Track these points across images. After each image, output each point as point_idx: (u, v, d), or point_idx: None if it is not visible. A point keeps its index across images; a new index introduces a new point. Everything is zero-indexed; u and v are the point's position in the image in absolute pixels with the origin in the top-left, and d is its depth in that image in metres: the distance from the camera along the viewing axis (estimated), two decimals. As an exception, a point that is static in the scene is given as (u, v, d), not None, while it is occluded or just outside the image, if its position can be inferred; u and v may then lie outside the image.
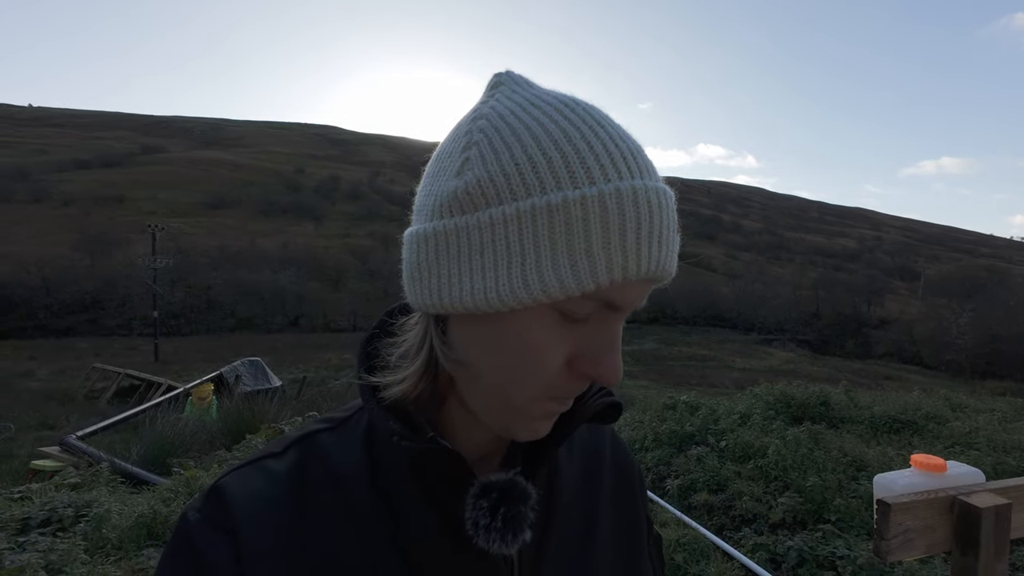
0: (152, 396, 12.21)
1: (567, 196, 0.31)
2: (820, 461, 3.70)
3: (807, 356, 40.34)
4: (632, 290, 0.34)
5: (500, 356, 0.35)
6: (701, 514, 3.56)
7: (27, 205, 56.67)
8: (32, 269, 35.55)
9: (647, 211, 0.32)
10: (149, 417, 6.42)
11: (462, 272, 0.34)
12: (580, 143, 0.33)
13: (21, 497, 3.37)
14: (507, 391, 0.35)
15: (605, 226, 0.31)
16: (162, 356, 24.83)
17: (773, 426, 4.53)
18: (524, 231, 0.32)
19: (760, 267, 68.74)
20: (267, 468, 0.40)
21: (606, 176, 0.32)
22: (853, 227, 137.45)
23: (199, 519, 0.37)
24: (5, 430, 9.10)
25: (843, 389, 5.54)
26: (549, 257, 0.32)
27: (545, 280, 0.32)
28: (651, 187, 0.33)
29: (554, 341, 0.34)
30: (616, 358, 0.35)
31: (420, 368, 0.38)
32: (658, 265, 0.33)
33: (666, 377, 24.82)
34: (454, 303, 0.34)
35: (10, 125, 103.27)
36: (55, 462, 5.08)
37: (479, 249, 0.33)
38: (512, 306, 0.33)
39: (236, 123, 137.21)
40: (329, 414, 0.45)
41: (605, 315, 0.34)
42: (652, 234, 0.32)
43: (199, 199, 67.29)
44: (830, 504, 3.17)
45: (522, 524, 0.37)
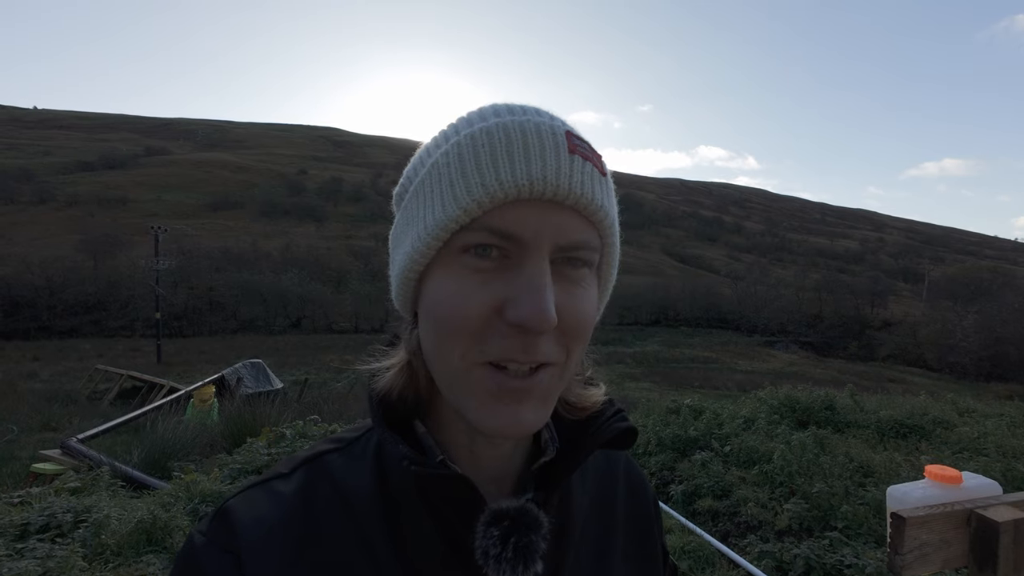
0: (154, 398, 12.21)
1: (438, 153, 0.36)
2: (826, 467, 3.66)
3: (810, 358, 40.15)
4: (523, 215, 0.33)
5: (428, 318, 0.36)
6: (705, 520, 3.52)
7: (31, 206, 56.94)
8: (36, 270, 35.69)
9: (503, 136, 0.34)
10: (150, 420, 6.42)
11: (397, 254, 0.39)
12: (462, 115, 0.38)
13: (21, 502, 3.35)
14: (442, 352, 0.35)
15: (461, 159, 0.34)
16: (165, 357, 24.87)
17: (778, 431, 4.49)
18: (419, 196, 0.37)
19: (763, 268, 68.51)
20: (274, 490, 0.39)
21: (469, 124, 0.36)
22: (856, 228, 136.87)
23: (205, 541, 0.37)
24: (8, 432, 9.11)
25: (848, 393, 5.49)
26: (430, 205, 0.35)
27: (428, 225, 0.35)
28: (512, 120, 0.35)
29: (468, 288, 0.34)
30: (538, 298, 0.32)
31: (403, 359, 0.40)
32: (529, 179, 0.33)
33: (668, 379, 24.71)
34: (397, 284, 0.39)
35: (15, 127, 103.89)
36: (56, 465, 5.06)
37: (403, 228, 0.39)
38: (420, 260, 0.36)
39: (239, 125, 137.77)
40: (339, 434, 0.45)
41: (517, 255, 0.34)
42: (513, 152, 0.33)
43: (202, 201, 67.51)
44: (837, 511, 3.13)
45: (534, 555, 0.36)
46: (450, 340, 0.35)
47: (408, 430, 0.40)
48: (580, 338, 0.36)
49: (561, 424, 0.43)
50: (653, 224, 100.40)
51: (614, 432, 0.41)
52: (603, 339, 41.07)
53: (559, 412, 0.43)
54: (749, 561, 2.86)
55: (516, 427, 0.35)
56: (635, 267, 69.67)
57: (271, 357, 19.40)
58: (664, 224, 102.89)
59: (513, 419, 0.35)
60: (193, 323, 37.07)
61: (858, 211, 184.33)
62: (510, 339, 0.34)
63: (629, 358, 32.09)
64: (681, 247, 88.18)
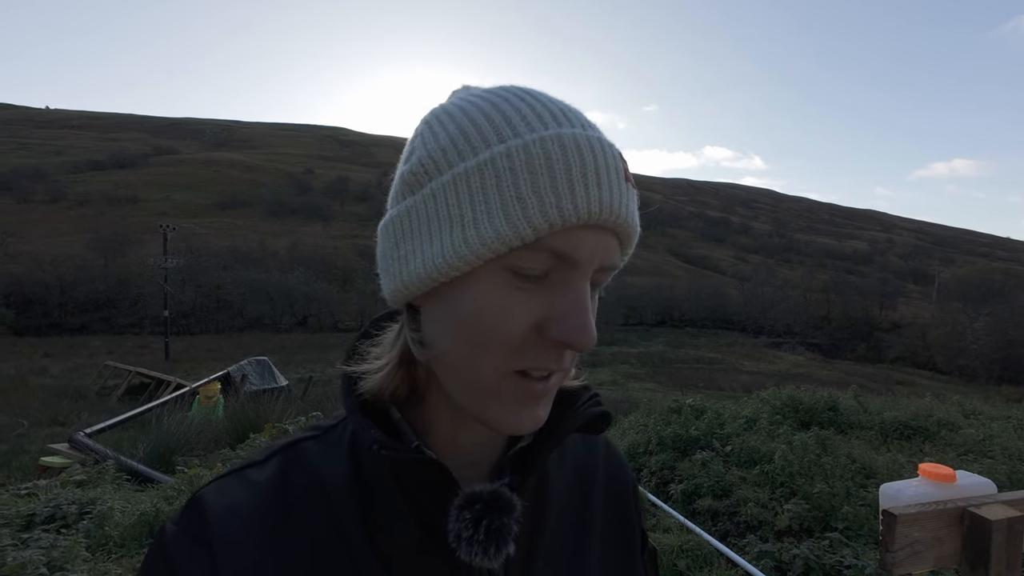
0: (161, 394, 12.36)
1: (493, 152, 0.32)
2: (828, 467, 3.63)
3: (817, 360, 39.83)
4: (582, 239, 0.33)
5: (461, 328, 0.34)
6: (705, 520, 3.50)
7: (43, 205, 57.75)
8: (48, 268, 36.20)
9: (576, 153, 0.32)
10: (156, 415, 6.50)
11: (415, 247, 0.35)
12: (507, 108, 0.34)
13: (28, 494, 3.41)
14: (473, 363, 0.34)
15: (532, 171, 0.32)
16: (173, 355, 25.14)
17: (780, 431, 4.45)
18: (460, 193, 0.33)
19: (770, 269, 68.02)
20: (248, 478, 0.39)
21: (531, 128, 0.33)
22: (864, 229, 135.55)
23: (176, 531, 0.36)
24: (18, 426, 9.26)
25: (852, 394, 5.44)
26: (484, 212, 0.32)
27: (483, 235, 0.32)
28: (580, 134, 0.33)
29: (512, 304, 0.33)
30: (584, 318, 0.33)
31: (396, 357, 0.39)
32: (600, 207, 0.32)
33: (673, 379, 24.61)
34: (412, 281, 0.35)
35: (28, 127, 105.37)
36: (63, 459, 5.14)
37: (426, 221, 0.35)
38: (460, 267, 0.33)
39: (247, 125, 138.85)
40: (315, 422, 0.45)
41: (565, 274, 0.34)
42: (587, 175, 0.32)
43: (210, 200, 68.13)
44: (838, 512, 3.10)
45: (506, 537, 0.36)
46: (485, 353, 0.34)
47: (383, 416, 0.40)
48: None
49: None
50: (659, 224, 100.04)
51: (588, 417, 0.41)
52: (608, 339, 41.01)
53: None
54: (748, 561, 2.85)
55: (532, 424, 0.36)
56: (640, 267, 69.44)
57: (277, 355, 19.55)
58: (670, 224, 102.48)
59: (531, 419, 0.36)
60: (201, 321, 37.43)
61: (867, 212, 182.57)
62: (546, 352, 0.34)
63: (634, 358, 31.99)
64: (687, 248, 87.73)
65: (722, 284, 59.63)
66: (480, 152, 0.33)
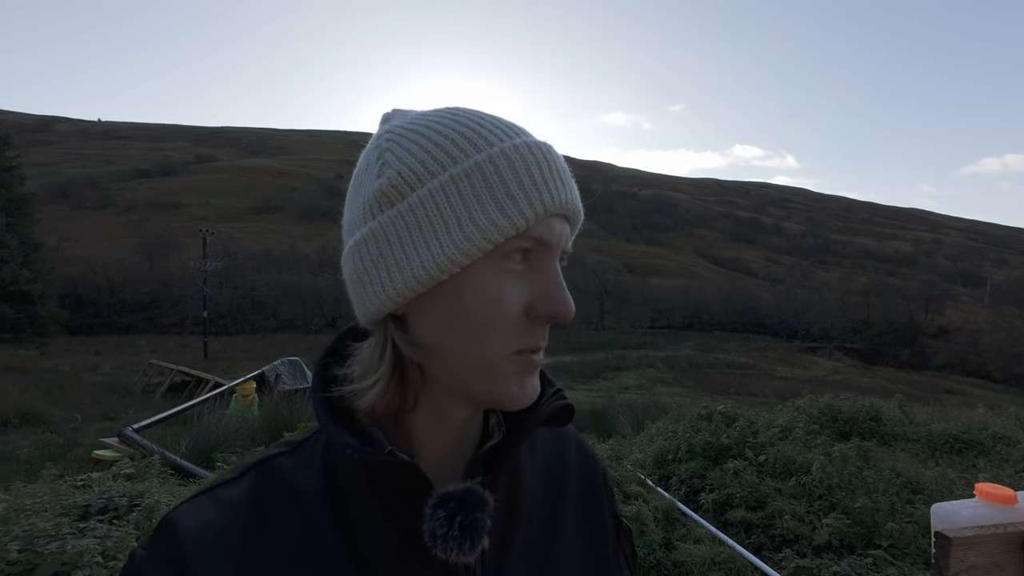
0: (201, 392, 12.92)
1: (476, 159, 0.38)
2: (870, 481, 3.46)
3: (856, 366, 38.08)
4: (555, 226, 0.39)
5: (465, 318, 0.37)
6: (738, 531, 3.40)
7: (95, 211, 61.48)
8: (99, 270, 38.48)
9: (542, 156, 0.39)
10: (197, 412, 6.80)
11: (408, 253, 0.38)
12: (472, 124, 0.40)
13: (83, 485, 3.64)
14: (479, 350, 0.38)
15: (515, 172, 0.37)
16: (211, 354, 26.25)
17: (817, 441, 4.28)
18: (452, 196, 0.37)
19: (804, 271, 65.55)
20: (220, 497, 0.39)
21: (500, 139, 0.39)
22: (908, 229, 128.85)
23: (146, 556, 0.36)
24: (73, 420, 9.87)
25: (897, 403, 5.17)
26: (480, 209, 0.37)
27: (483, 229, 0.36)
28: (534, 141, 0.40)
29: (509, 290, 0.38)
30: (564, 293, 0.39)
31: (388, 370, 0.39)
32: (566, 198, 0.39)
33: (701, 385, 23.99)
34: (410, 284, 0.37)
35: (82, 138, 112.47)
36: (114, 452, 5.45)
37: (417, 226, 0.37)
38: (463, 262, 0.37)
39: (281, 132, 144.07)
40: (287, 438, 0.46)
41: (542, 257, 0.39)
42: (554, 172, 0.39)
43: (246, 205, 70.95)
44: (882, 528, 2.95)
45: (479, 531, 0.38)
46: (490, 338, 0.38)
47: (355, 423, 0.41)
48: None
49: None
50: (686, 225, 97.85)
51: (552, 411, 0.44)
52: (634, 343, 40.39)
53: None
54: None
55: (534, 394, 0.41)
56: (666, 269, 68.01)
57: (308, 355, 20.12)
58: (698, 225, 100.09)
59: (533, 389, 0.41)
60: (236, 321, 38.95)
61: (910, 210, 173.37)
62: (536, 328, 0.39)
63: (660, 362, 31.35)
64: (716, 249, 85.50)
65: (753, 286, 57.83)
66: (461, 161, 0.38)
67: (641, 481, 4.25)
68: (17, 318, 28.26)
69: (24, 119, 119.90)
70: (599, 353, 33.07)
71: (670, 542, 3.29)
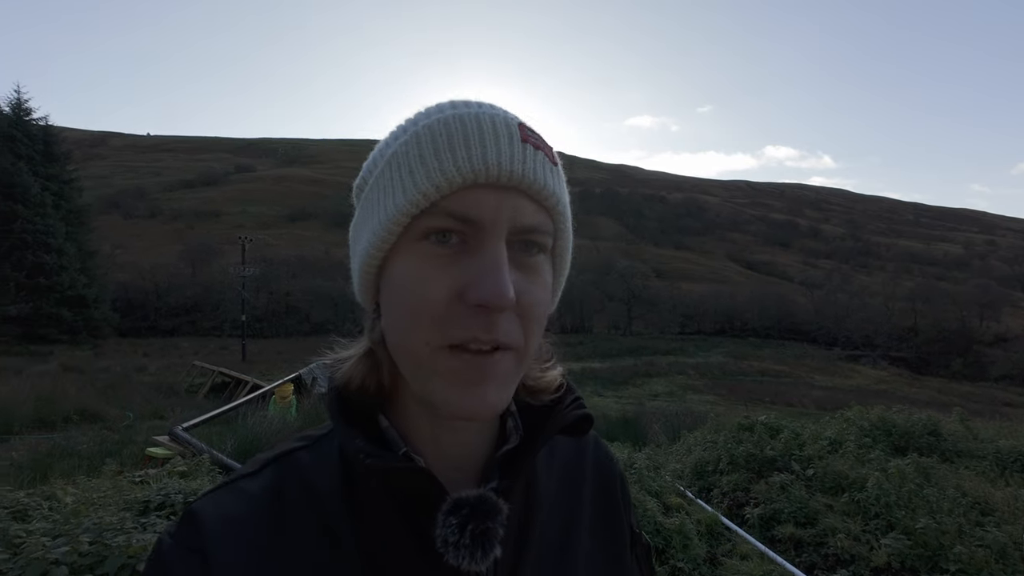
0: (240, 392, 13.42)
1: (395, 147, 0.38)
2: (932, 500, 3.25)
3: (903, 376, 36.01)
4: (479, 199, 0.35)
5: (393, 304, 0.37)
6: (787, 549, 3.26)
7: (144, 220, 65.22)
8: (147, 276, 40.77)
9: (458, 126, 0.36)
10: (240, 413, 7.07)
11: (357, 246, 0.41)
12: (415, 112, 0.40)
13: (141, 481, 3.83)
14: (407, 338, 0.36)
15: (419, 149, 0.36)
16: (248, 356, 27.30)
17: (871, 456, 4.06)
18: (378, 188, 0.39)
19: (844, 275, 62.71)
20: (241, 489, 0.40)
21: (425, 117, 0.38)
22: (958, 231, 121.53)
23: (171, 543, 0.38)
24: (125, 418, 10.45)
25: (958, 417, 4.85)
26: (390, 194, 0.37)
27: (389, 212, 0.36)
28: (465, 112, 0.37)
29: (430, 272, 0.36)
30: (497, 276, 0.34)
31: (361, 350, 0.42)
32: (484, 164, 0.35)
33: (735, 393, 23.20)
34: (357, 277, 0.41)
35: (133, 152, 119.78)
36: (165, 450, 5.71)
37: (362, 222, 0.40)
38: (380, 246, 0.37)
39: (313, 142, 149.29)
40: (306, 432, 0.45)
41: (475, 239, 0.36)
42: (469, 140, 0.35)
43: (281, 212, 73.77)
44: (948, 551, 2.77)
45: (492, 540, 0.37)
46: (414, 326, 0.36)
47: (372, 424, 0.41)
48: (537, 321, 0.38)
49: (524, 413, 0.45)
50: (717, 229, 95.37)
51: (571, 419, 0.43)
52: (663, 349, 39.53)
53: (522, 399, 0.44)
54: (842, 599, 2.61)
55: (482, 407, 0.36)
56: (696, 273, 66.39)
57: (340, 358, 20.52)
58: (729, 228, 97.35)
59: (480, 400, 0.36)
60: (272, 325, 40.38)
61: (961, 211, 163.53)
62: (471, 319, 0.35)
63: (691, 369, 30.51)
64: (748, 253, 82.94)
65: (789, 291, 55.72)
66: (390, 149, 0.39)
67: (681, 493, 4.14)
68: (74, 320, 30.18)
69: (83, 135, 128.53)
70: (627, 359, 32.52)
71: (715, 557, 3.18)
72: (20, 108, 31.94)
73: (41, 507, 2.98)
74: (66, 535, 2.30)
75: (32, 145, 31.23)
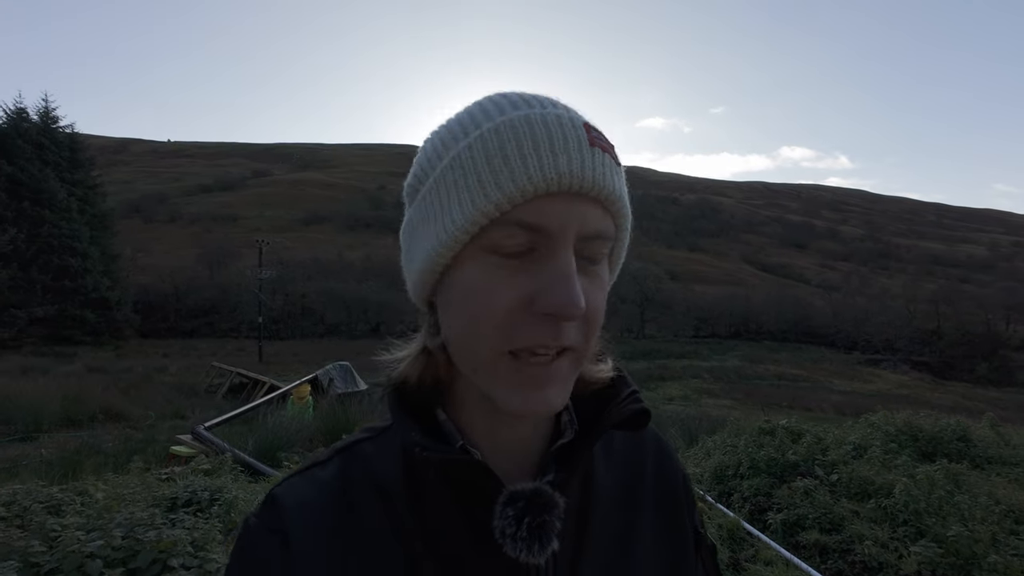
0: (257, 393, 13.64)
1: (460, 146, 0.37)
2: (964, 507, 3.16)
3: (926, 380, 35.04)
4: (550, 208, 0.34)
5: (456, 311, 0.37)
6: (812, 555, 3.19)
7: (164, 224, 66.81)
8: (166, 279, 41.73)
9: (527, 129, 0.35)
10: (260, 413, 7.19)
11: (417, 248, 0.40)
12: (474, 108, 0.38)
13: (167, 478, 3.92)
14: (469, 345, 0.37)
15: (487, 154, 0.35)
16: (265, 357, 27.73)
17: (897, 461, 3.96)
18: (440, 190, 0.37)
19: (863, 278, 61.36)
20: (314, 477, 0.43)
21: (488, 118, 0.37)
22: (982, 231, 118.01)
23: (257, 524, 0.41)
24: (148, 418, 10.71)
25: (988, 422, 4.71)
26: (456, 200, 0.36)
27: (456, 220, 0.35)
28: (534, 113, 0.36)
29: (496, 282, 0.35)
30: (568, 286, 0.34)
31: (416, 349, 0.43)
32: (556, 172, 0.34)
33: (752, 397, 22.81)
34: (416, 278, 0.40)
35: (154, 158, 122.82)
36: (188, 449, 5.83)
37: (422, 222, 0.39)
38: (445, 254, 0.36)
39: (328, 147, 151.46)
40: (371, 424, 0.47)
41: (546, 247, 0.35)
42: (539, 146, 0.34)
43: (296, 216, 74.88)
44: (983, 560, 2.69)
45: (549, 533, 0.38)
46: (480, 333, 0.36)
47: (430, 417, 0.42)
48: (598, 323, 0.38)
49: (579, 406, 0.45)
50: (732, 230, 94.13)
51: (627, 414, 0.42)
52: (677, 352, 39.06)
53: (577, 392, 0.43)
54: (872, 607, 2.55)
55: (543, 408, 0.37)
56: (711, 276, 65.53)
57: (353, 360, 20.88)
58: (744, 230, 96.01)
59: (542, 401, 0.37)
60: (287, 327, 40.96)
61: (984, 211, 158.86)
62: (539, 327, 0.35)
63: (706, 372, 30.08)
64: (764, 255, 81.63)
65: (806, 294, 54.69)
66: (452, 149, 0.37)
67: (700, 497, 4.09)
68: (97, 322, 31.02)
69: (106, 142, 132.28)
70: (641, 362, 32.21)
71: (738, 563, 3.14)
72: (48, 116, 33.08)
73: (74, 502, 3.07)
74: (99, 530, 2.37)
75: (59, 152, 32.29)
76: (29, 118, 31.92)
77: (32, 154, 30.44)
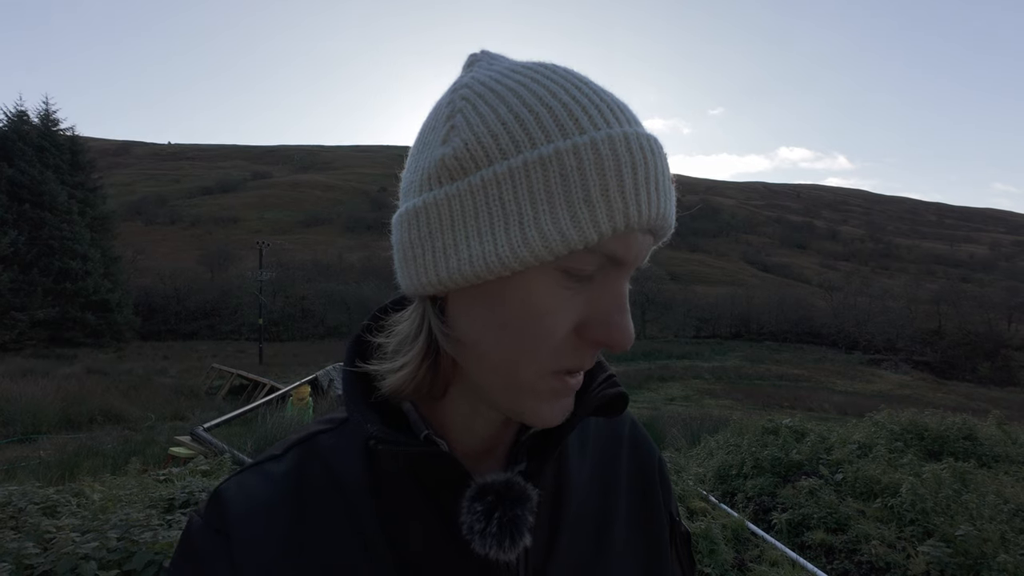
0: (258, 395, 13.61)
1: (559, 147, 0.30)
2: (972, 506, 3.12)
3: (927, 380, 34.95)
4: (635, 242, 0.33)
5: (505, 328, 0.33)
6: (818, 555, 3.15)
7: (165, 226, 66.86)
8: (167, 280, 41.76)
9: (641, 156, 0.31)
10: (259, 414, 7.16)
11: (458, 240, 0.32)
12: (565, 97, 0.32)
13: (165, 479, 3.88)
14: (515, 365, 0.33)
15: (601, 173, 0.30)
16: (265, 359, 27.70)
17: (903, 460, 3.92)
18: (519, 188, 0.31)
19: (864, 278, 61.27)
20: (266, 471, 0.40)
21: (595, 125, 0.31)
22: (983, 231, 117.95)
23: (200, 523, 0.38)
24: (147, 419, 10.67)
25: (995, 421, 4.66)
26: (548, 211, 0.30)
27: (546, 235, 0.30)
28: (641, 133, 0.32)
29: (560, 305, 0.32)
30: (626, 319, 0.33)
31: (419, 354, 0.36)
32: (659, 212, 0.32)
33: (752, 398, 22.75)
34: (453, 276, 0.33)
35: (154, 160, 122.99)
36: (187, 450, 5.80)
37: (474, 213, 0.32)
38: (514, 267, 0.31)
39: (329, 149, 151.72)
40: (330, 415, 0.44)
41: (610, 274, 0.33)
42: (649, 179, 0.31)
43: (297, 218, 74.94)
44: (992, 560, 2.65)
45: (520, 528, 0.35)
46: (531, 353, 0.33)
47: (395, 408, 0.39)
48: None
49: None
50: (732, 231, 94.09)
51: (603, 399, 0.39)
52: (678, 352, 38.99)
53: None
54: (880, 608, 2.50)
55: (565, 415, 0.36)
56: (712, 276, 65.50)
57: (354, 361, 20.70)
58: (745, 231, 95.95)
59: (564, 410, 0.36)
60: (288, 328, 40.92)
61: (985, 211, 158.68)
62: (585, 351, 0.34)
63: (707, 373, 30.04)
64: (764, 255, 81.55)
65: (807, 294, 54.62)
66: (541, 145, 0.31)
67: (704, 497, 4.05)
68: (98, 324, 31.00)
69: (107, 144, 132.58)
70: (642, 363, 32.18)
71: (743, 563, 3.10)
72: (49, 119, 33.11)
73: (70, 503, 3.03)
74: (95, 531, 2.33)
75: (59, 155, 32.30)
76: (30, 120, 31.98)
77: (33, 156, 30.48)
